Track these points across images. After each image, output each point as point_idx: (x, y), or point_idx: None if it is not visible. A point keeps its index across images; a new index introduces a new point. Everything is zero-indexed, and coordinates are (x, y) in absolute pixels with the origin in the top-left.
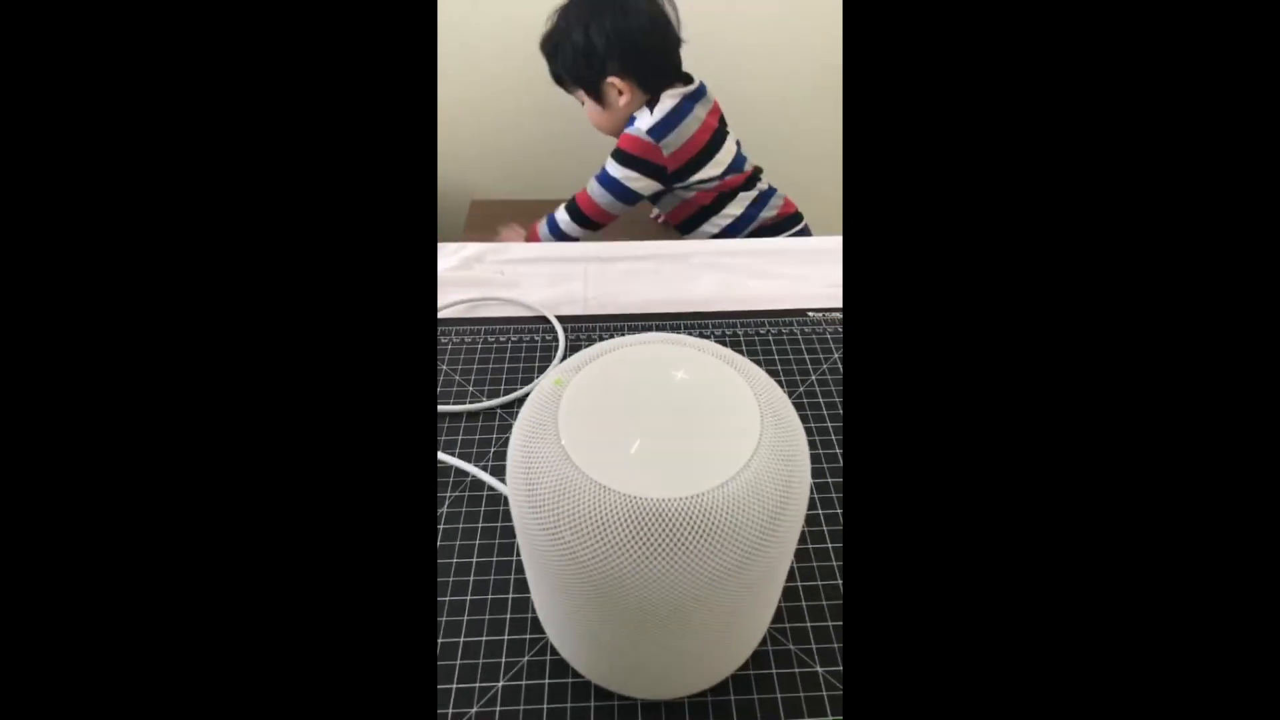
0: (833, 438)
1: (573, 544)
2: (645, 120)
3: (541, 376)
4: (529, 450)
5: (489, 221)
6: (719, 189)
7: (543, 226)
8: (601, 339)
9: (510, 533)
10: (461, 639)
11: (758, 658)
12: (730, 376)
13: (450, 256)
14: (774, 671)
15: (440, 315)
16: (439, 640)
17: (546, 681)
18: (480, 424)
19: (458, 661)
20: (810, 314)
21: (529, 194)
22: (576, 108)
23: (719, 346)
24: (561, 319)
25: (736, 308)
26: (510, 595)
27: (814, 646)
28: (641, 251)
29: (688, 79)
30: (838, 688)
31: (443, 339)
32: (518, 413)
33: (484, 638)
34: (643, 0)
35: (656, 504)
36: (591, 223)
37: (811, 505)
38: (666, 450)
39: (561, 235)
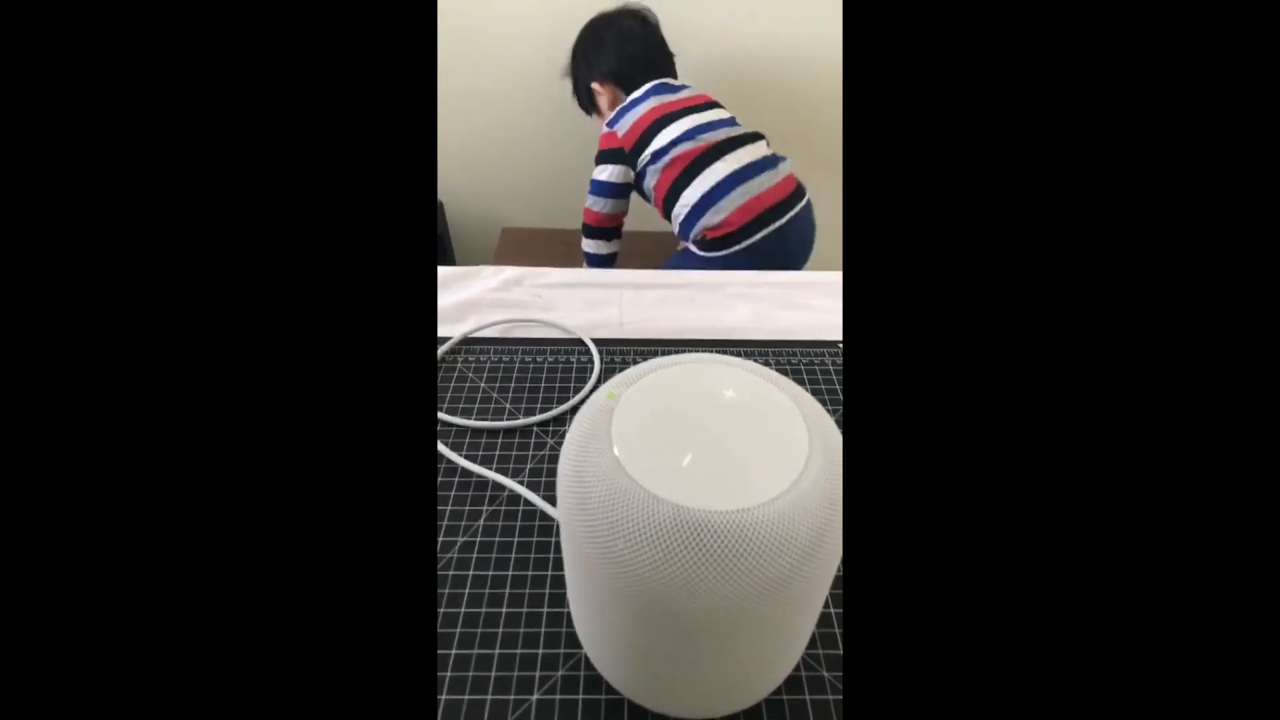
0: None
1: (624, 552)
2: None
3: (593, 395)
4: (582, 460)
5: (518, 248)
6: (667, 173)
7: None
8: (636, 362)
9: (546, 547)
10: (497, 650)
11: (791, 684)
12: (779, 397)
13: (490, 279)
14: (807, 697)
15: (479, 334)
16: (474, 652)
17: (580, 697)
18: (517, 440)
19: (493, 673)
20: (842, 345)
21: (556, 223)
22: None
23: (767, 369)
24: (597, 341)
25: (768, 337)
26: (545, 609)
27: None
28: (676, 280)
29: (668, 81)
30: None
31: (480, 357)
32: (553, 430)
33: (518, 651)
34: (622, 19)
35: (708, 515)
36: (600, 230)
37: None
38: (718, 464)
39: (592, 258)
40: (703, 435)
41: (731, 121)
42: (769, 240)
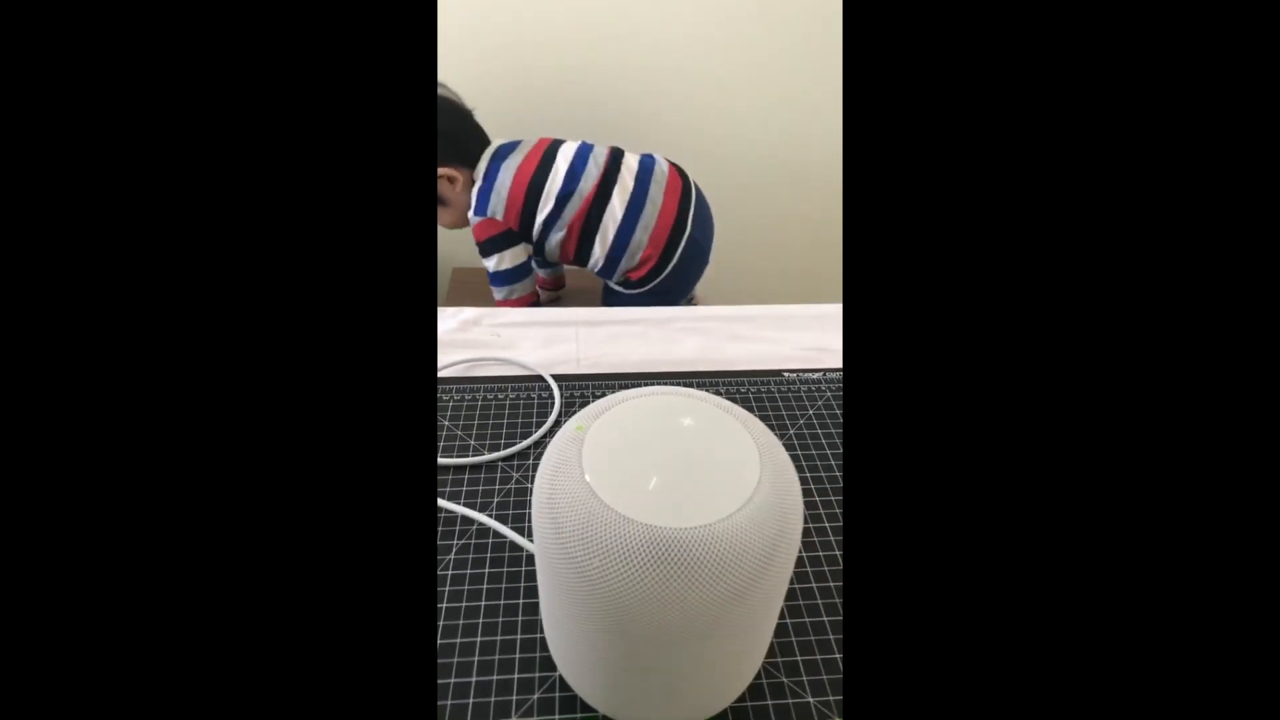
0: (811, 487)
1: (598, 570)
2: (472, 205)
3: (561, 428)
4: (554, 488)
5: (468, 288)
6: (570, 230)
7: None
8: (595, 397)
9: (517, 576)
10: (474, 679)
11: (754, 690)
12: (731, 423)
13: (448, 320)
14: (769, 702)
15: (441, 375)
16: (451, 681)
17: (557, 716)
18: (483, 475)
19: (470, 700)
20: (785, 374)
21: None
22: None
23: (719, 399)
24: (556, 377)
25: (717, 368)
26: (519, 636)
27: (805, 679)
28: (628, 316)
29: (487, 142)
30: (830, 716)
31: (444, 397)
32: (517, 464)
33: (495, 677)
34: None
35: (675, 532)
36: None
37: None
38: (680, 486)
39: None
40: (665, 461)
41: (586, 147)
42: (686, 250)
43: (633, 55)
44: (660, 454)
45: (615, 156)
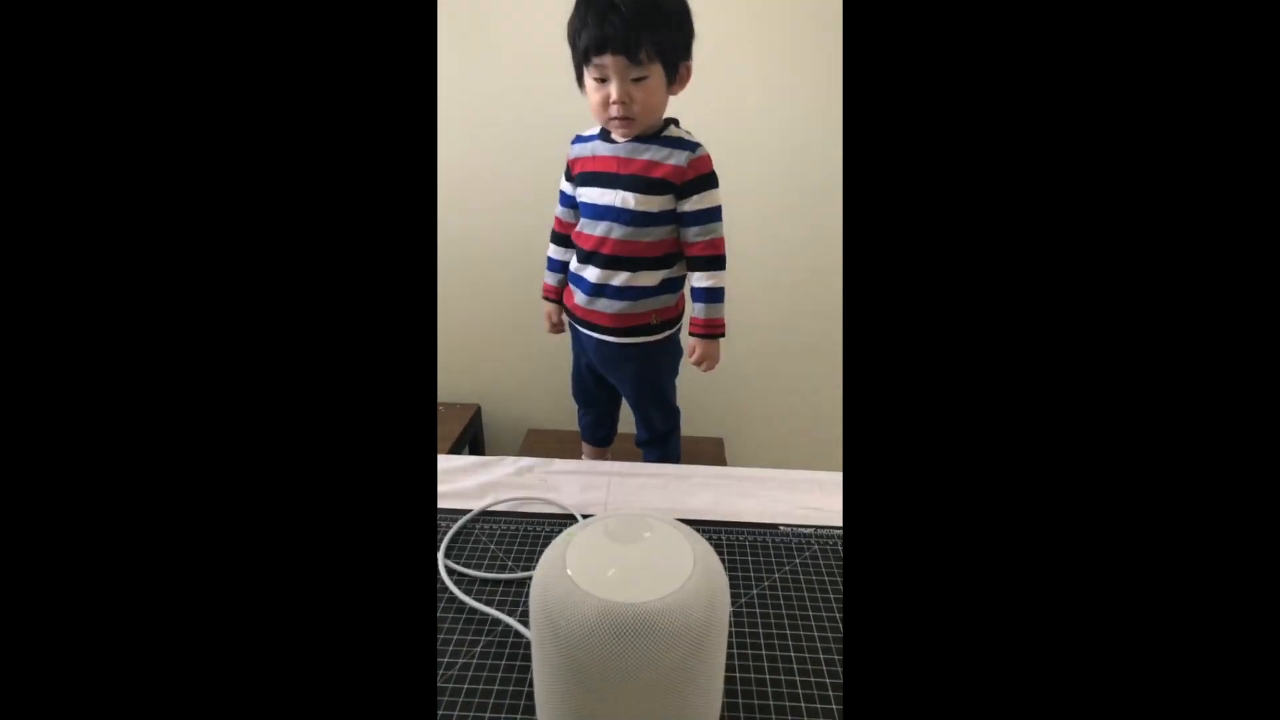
0: (782, 613)
1: (574, 634)
2: (700, 145)
3: (560, 534)
4: (546, 577)
5: (540, 448)
6: None
7: (711, 307)
8: None
9: (526, 668)
10: None
11: None
12: (678, 538)
13: (509, 466)
14: None
15: (496, 508)
16: None
17: None
18: (515, 589)
19: None
20: (781, 528)
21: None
22: None
23: (678, 523)
24: (585, 516)
25: (724, 519)
26: (523, 703)
27: None
28: (654, 470)
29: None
30: None
31: (492, 526)
32: None
33: None
34: None
35: (628, 605)
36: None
37: (745, 653)
38: (633, 575)
39: (723, 294)
40: (625, 559)
41: None
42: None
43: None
44: (622, 554)
45: None
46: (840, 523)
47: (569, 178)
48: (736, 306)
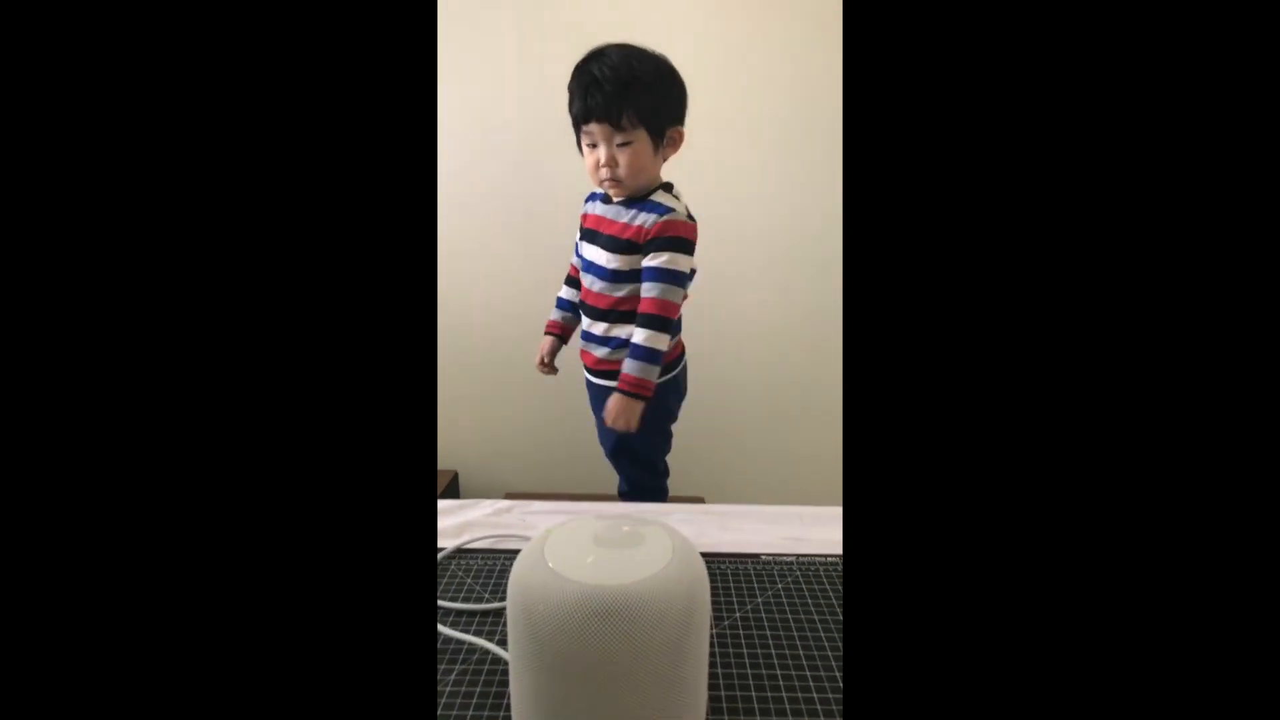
0: (766, 636)
1: (550, 619)
2: (680, 205)
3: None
4: (524, 568)
5: None
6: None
7: (635, 365)
8: None
9: (503, 694)
10: None
11: None
12: (657, 529)
13: (487, 507)
14: None
15: (472, 546)
16: None
17: None
18: (490, 619)
19: None
20: (763, 557)
21: (556, 486)
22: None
23: (658, 519)
24: None
25: (706, 549)
26: None
27: None
28: (632, 509)
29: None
30: None
31: (472, 562)
32: None
33: None
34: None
35: (603, 588)
36: (674, 325)
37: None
38: (612, 562)
39: (657, 357)
40: (604, 549)
41: None
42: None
43: None
44: (602, 545)
45: None
46: (823, 551)
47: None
48: (726, 363)
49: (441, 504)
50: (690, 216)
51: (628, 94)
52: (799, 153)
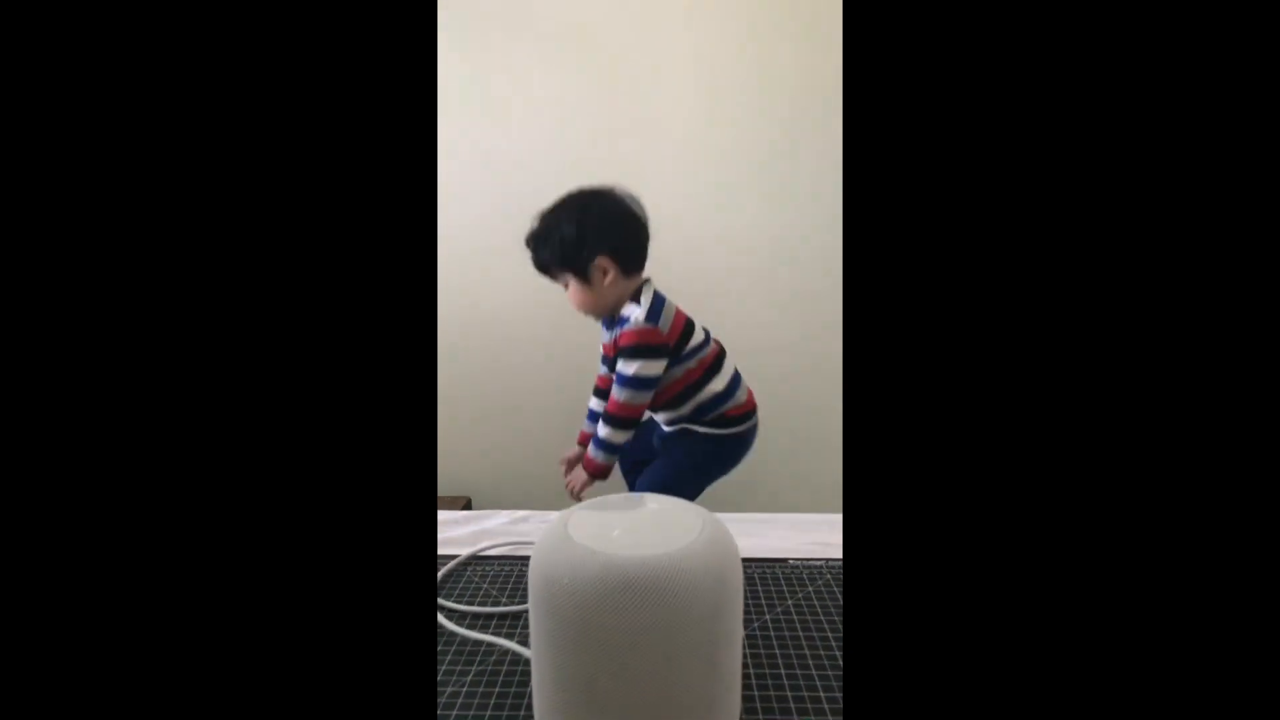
0: (799, 637)
1: (576, 592)
2: (639, 311)
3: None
4: (547, 547)
5: None
6: (701, 364)
7: (597, 453)
8: None
9: (524, 692)
10: None
11: None
12: (685, 507)
13: (504, 517)
14: None
15: (490, 553)
16: None
17: None
18: (509, 622)
19: None
20: (791, 561)
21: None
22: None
23: (677, 498)
24: None
25: None
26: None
27: None
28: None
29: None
30: None
31: (486, 568)
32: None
33: None
34: (622, 198)
35: (630, 559)
36: (634, 423)
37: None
38: (638, 535)
39: (615, 449)
40: (630, 524)
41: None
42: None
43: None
44: (627, 521)
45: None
46: None
47: None
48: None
49: (457, 514)
50: (653, 310)
51: (542, 248)
52: (799, 152)
